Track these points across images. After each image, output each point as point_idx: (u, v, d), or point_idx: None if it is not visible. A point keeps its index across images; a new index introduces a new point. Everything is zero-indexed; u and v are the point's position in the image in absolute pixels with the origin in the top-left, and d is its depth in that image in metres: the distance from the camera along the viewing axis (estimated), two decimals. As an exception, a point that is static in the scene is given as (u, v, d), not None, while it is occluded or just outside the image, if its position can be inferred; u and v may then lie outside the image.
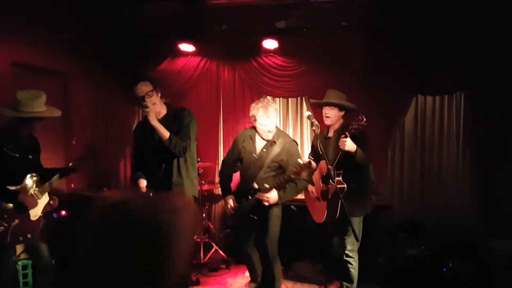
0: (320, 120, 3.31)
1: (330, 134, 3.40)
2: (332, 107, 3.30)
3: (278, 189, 3.10)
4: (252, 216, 3.21)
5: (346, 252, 3.24)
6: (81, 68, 4.87)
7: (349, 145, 2.94)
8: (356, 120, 2.91)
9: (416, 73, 4.61)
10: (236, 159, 3.40)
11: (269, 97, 3.50)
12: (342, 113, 3.35)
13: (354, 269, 3.27)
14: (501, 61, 4.31)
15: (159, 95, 2.99)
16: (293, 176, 3.02)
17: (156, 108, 2.94)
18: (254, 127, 3.30)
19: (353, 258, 3.26)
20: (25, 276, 3.42)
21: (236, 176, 3.57)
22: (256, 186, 3.17)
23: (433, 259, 3.82)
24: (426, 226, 4.30)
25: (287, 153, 3.21)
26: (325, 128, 3.50)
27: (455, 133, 4.77)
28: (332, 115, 3.31)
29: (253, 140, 3.29)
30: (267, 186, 3.09)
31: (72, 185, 4.51)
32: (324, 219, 3.20)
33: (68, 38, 4.50)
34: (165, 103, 3.11)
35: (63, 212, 3.98)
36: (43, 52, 4.26)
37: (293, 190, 3.21)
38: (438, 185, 4.79)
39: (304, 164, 2.95)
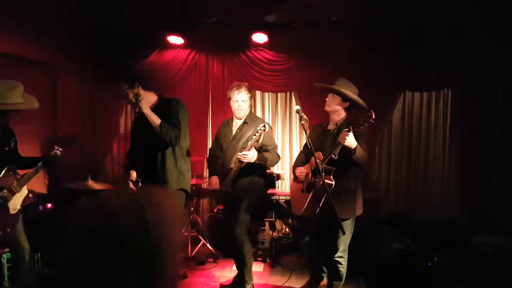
0: (310, 115, 3.19)
1: (330, 126, 3.18)
2: (335, 95, 3.07)
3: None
4: (229, 191, 3.39)
5: (338, 254, 3.08)
6: (68, 60, 4.78)
7: (350, 140, 2.71)
8: (364, 116, 2.70)
9: (404, 70, 4.65)
10: (220, 146, 3.65)
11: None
12: (345, 105, 3.09)
13: (343, 268, 3.14)
14: (487, 58, 4.38)
15: (140, 88, 2.97)
16: (252, 142, 3.16)
17: (148, 98, 3.02)
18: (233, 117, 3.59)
19: (344, 258, 3.11)
20: (10, 269, 3.36)
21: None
22: (233, 165, 3.34)
23: (418, 253, 3.88)
24: (411, 220, 4.37)
25: (258, 132, 3.23)
26: (315, 120, 3.41)
27: (442, 129, 4.84)
28: (332, 103, 3.09)
29: (230, 124, 3.62)
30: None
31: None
32: (301, 212, 3.05)
33: (55, 30, 4.41)
34: (158, 95, 3.14)
35: (49, 205, 3.93)
36: (29, 43, 4.18)
37: (267, 157, 3.38)
38: (424, 180, 4.87)
39: (260, 129, 3.13)
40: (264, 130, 3.17)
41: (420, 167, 4.88)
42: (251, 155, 3.21)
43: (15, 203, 2.86)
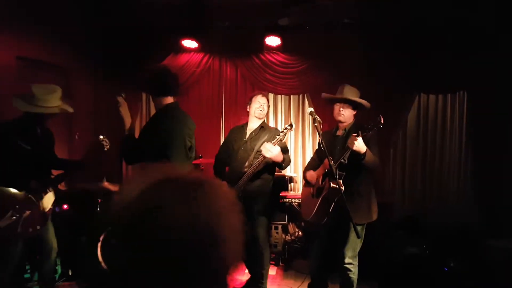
0: (323, 117, 3.14)
1: (339, 132, 3.15)
2: (345, 104, 3.04)
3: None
4: (240, 196, 3.20)
5: (347, 260, 3.02)
6: (83, 63, 4.88)
7: (359, 145, 2.67)
8: (373, 120, 2.66)
9: (419, 71, 4.60)
10: (229, 151, 3.54)
11: None
12: (355, 112, 3.11)
13: (354, 275, 3.05)
14: (504, 59, 4.29)
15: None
16: (279, 138, 3.10)
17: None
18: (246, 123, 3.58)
19: (353, 264, 3.04)
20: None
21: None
22: (246, 169, 3.23)
23: (434, 257, 3.81)
24: (427, 224, 4.29)
25: (273, 138, 3.22)
26: (328, 125, 3.38)
27: (458, 131, 4.76)
28: (347, 113, 3.06)
29: (244, 128, 3.56)
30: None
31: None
32: (311, 217, 2.99)
33: (71, 33, 4.51)
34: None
35: (65, 206, 3.99)
36: (46, 46, 4.29)
37: (285, 158, 3.30)
38: (439, 184, 4.79)
39: (286, 128, 3.10)
40: (291, 129, 3.16)
41: (435, 170, 4.81)
42: (276, 151, 3.10)
43: (47, 202, 2.96)
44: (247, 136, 3.48)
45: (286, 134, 3.14)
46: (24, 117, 2.82)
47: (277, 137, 3.12)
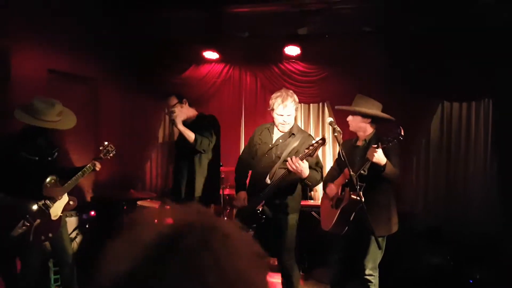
0: (343, 126, 3.09)
1: (359, 143, 3.10)
2: (356, 115, 3.02)
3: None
4: (258, 212, 2.92)
5: (367, 271, 2.97)
6: (110, 75, 5.08)
7: (379, 157, 2.63)
8: (393, 132, 2.63)
9: (442, 78, 4.53)
10: (253, 154, 3.21)
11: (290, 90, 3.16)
12: (367, 121, 3.02)
13: (374, 286, 3.00)
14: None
15: (186, 104, 3.53)
16: (307, 153, 2.74)
17: (183, 116, 3.41)
18: (273, 122, 3.17)
19: (374, 276, 2.99)
20: (56, 273, 3.56)
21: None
22: (268, 181, 2.92)
23: (459, 269, 3.71)
24: (451, 234, 4.18)
25: (303, 146, 2.93)
26: (349, 135, 3.32)
27: (482, 140, 4.64)
28: (352, 123, 3.05)
29: (270, 131, 3.14)
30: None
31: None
32: (330, 228, 2.92)
33: (98, 46, 4.71)
34: (199, 113, 3.65)
35: (92, 213, 4.13)
36: (76, 59, 4.49)
37: (315, 176, 2.99)
38: (464, 193, 4.66)
39: (317, 142, 2.74)
40: (323, 144, 2.81)
41: (459, 179, 4.68)
42: (305, 167, 2.77)
43: (56, 210, 3.03)
44: (273, 141, 3.09)
45: (317, 149, 2.79)
46: (25, 128, 2.87)
47: (306, 151, 2.78)
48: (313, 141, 2.80)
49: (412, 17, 4.22)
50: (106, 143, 3.20)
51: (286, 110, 2.97)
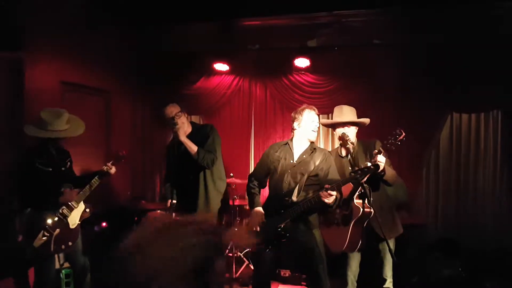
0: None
1: (344, 152, 3.09)
2: (352, 126, 3.04)
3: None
4: (280, 230, 2.76)
5: (386, 285, 2.99)
6: (121, 87, 5.15)
7: (381, 161, 2.63)
8: (393, 135, 2.61)
9: (450, 90, 4.56)
10: (266, 172, 3.04)
11: None
12: (356, 129, 3.11)
13: None
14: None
15: (186, 115, 3.36)
16: (362, 172, 2.59)
17: (184, 127, 3.30)
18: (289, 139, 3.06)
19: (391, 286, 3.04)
20: (67, 284, 3.58)
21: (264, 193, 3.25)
22: (295, 198, 2.76)
23: (470, 280, 3.69)
24: (462, 245, 4.17)
25: (326, 163, 2.87)
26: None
27: (492, 151, 4.64)
28: (351, 134, 3.03)
29: (290, 147, 2.96)
30: (328, 186, 2.61)
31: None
32: (344, 248, 2.80)
33: (110, 58, 4.79)
34: (191, 122, 3.46)
35: (104, 224, 4.16)
36: (88, 71, 4.56)
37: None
38: (474, 204, 4.65)
39: (367, 168, 2.59)
40: (374, 170, 2.59)
41: (470, 190, 4.68)
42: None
43: (74, 219, 3.08)
44: (296, 158, 2.91)
45: (366, 176, 2.63)
46: (39, 141, 2.98)
47: (353, 183, 2.68)
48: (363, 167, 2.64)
49: (422, 30, 4.27)
50: (109, 164, 3.22)
51: (316, 117, 2.96)
